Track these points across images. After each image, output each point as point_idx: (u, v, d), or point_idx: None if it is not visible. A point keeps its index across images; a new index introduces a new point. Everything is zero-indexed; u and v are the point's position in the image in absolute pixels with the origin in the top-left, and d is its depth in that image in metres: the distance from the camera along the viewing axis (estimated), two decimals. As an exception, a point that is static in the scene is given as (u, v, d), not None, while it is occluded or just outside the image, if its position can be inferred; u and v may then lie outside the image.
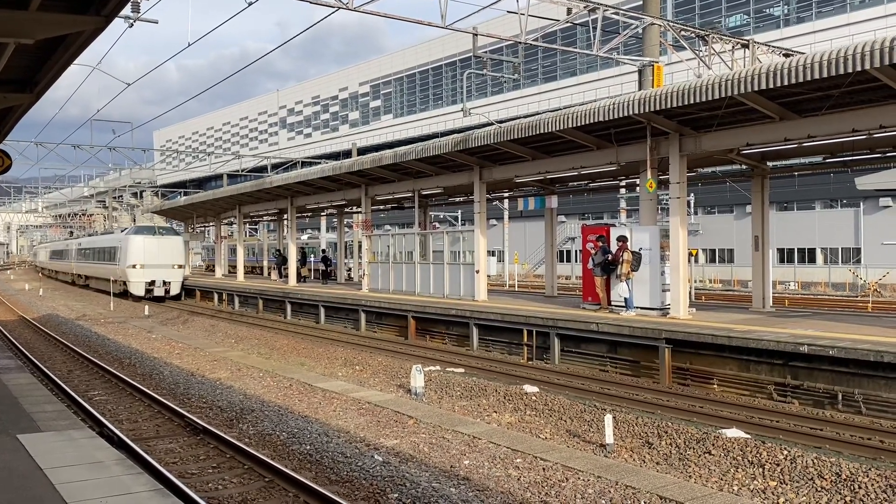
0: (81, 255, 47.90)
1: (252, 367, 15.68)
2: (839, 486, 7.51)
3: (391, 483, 7.70)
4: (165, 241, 36.37)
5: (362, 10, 15.26)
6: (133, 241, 35.72)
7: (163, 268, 35.67)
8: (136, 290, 35.21)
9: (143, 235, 36.32)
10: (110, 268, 38.15)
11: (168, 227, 39.61)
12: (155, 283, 35.44)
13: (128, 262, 35.36)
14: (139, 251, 35.39)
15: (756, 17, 46.37)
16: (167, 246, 36.12)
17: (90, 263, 44.52)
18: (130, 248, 35.46)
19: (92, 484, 6.25)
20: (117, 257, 36.95)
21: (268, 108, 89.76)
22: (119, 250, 36.66)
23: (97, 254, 42.55)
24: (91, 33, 7.81)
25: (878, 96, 12.93)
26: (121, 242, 36.88)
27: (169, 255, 36.04)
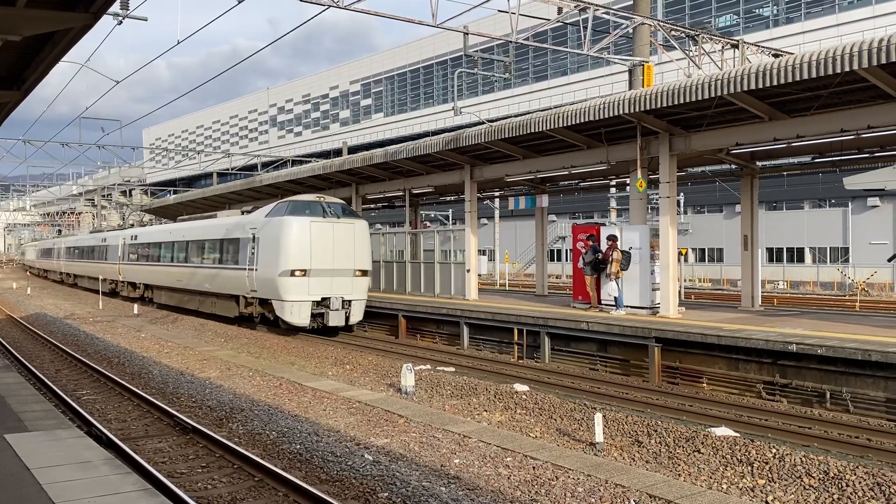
0: (137, 254, 32.40)
1: (242, 366, 15.62)
2: (827, 485, 7.56)
3: (381, 482, 7.69)
4: (345, 228, 20.43)
5: (353, 9, 15.22)
6: (291, 229, 19.57)
7: (342, 275, 20.16)
8: (293, 315, 19.59)
9: (306, 218, 19.73)
10: (230, 275, 22.24)
11: (339, 202, 21.56)
12: (329, 303, 19.80)
13: (280, 265, 19.43)
14: (302, 246, 19.53)
15: (746, 18, 46.58)
16: (348, 237, 20.37)
17: (165, 267, 28.56)
18: (285, 240, 19.59)
19: (80, 484, 6.21)
20: (248, 257, 20.99)
21: (258, 107, 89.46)
22: (257, 245, 20.67)
23: (192, 251, 25.90)
24: (79, 30, 7.77)
25: (866, 96, 13.02)
26: (260, 230, 20.70)
27: (350, 252, 20.32)
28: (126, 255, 34.08)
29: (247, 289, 21.24)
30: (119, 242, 35.47)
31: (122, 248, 34.89)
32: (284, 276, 19.46)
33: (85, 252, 43.69)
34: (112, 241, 37.20)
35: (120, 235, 36.18)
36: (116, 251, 35.77)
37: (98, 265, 39.52)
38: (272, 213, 20.75)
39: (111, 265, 36.72)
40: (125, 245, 34.46)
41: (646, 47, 19.51)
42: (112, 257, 36.53)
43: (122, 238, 35.41)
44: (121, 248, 35.05)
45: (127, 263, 34.03)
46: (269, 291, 20.14)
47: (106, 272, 37.68)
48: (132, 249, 33.29)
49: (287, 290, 19.47)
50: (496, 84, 58.33)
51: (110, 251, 37.06)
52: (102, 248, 39.04)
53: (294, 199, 21.02)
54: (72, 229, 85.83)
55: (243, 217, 23.17)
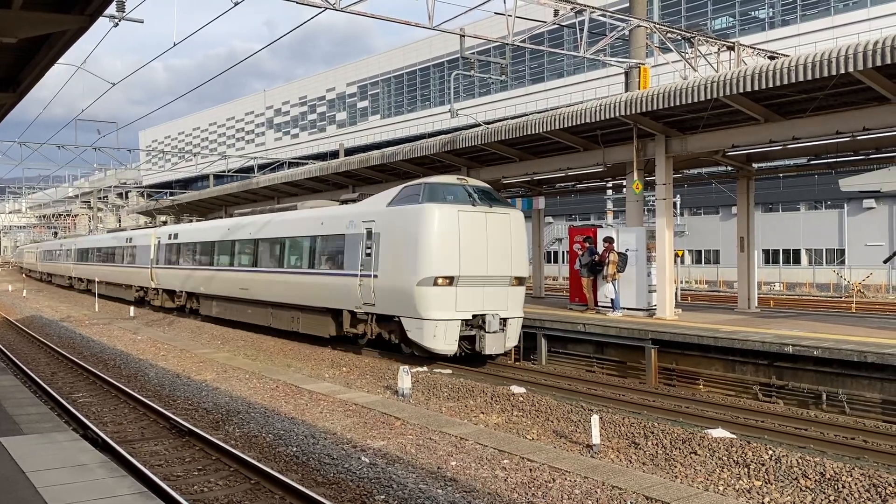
0: (177, 256, 27.24)
1: (238, 368, 15.59)
2: (823, 486, 7.57)
3: (378, 484, 7.68)
4: (499, 220, 15.35)
5: (349, 11, 15.23)
6: (433, 220, 14.62)
7: (496, 284, 15.17)
8: (436, 339, 14.59)
9: (452, 206, 14.89)
10: (328, 284, 17.32)
11: (485, 185, 16.45)
12: (484, 322, 14.89)
13: (419, 270, 14.51)
14: (449, 244, 14.62)
15: (741, 20, 46.70)
16: (503, 232, 15.34)
17: (220, 272, 23.43)
18: (426, 236, 14.58)
19: (75, 487, 6.19)
20: (360, 260, 16.09)
21: (255, 109, 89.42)
22: (375, 244, 15.71)
23: (262, 253, 20.88)
24: (75, 32, 7.76)
25: (861, 98, 13.06)
26: (380, 223, 15.76)
27: (506, 252, 15.33)
28: (162, 258, 28.45)
29: (356, 301, 16.05)
30: (151, 243, 29.66)
31: (155, 248, 29.23)
32: (424, 285, 14.20)
33: (104, 254, 37.48)
34: (141, 240, 31.19)
35: (151, 234, 30.15)
36: (147, 253, 29.97)
37: (123, 269, 33.59)
38: (399, 199, 15.53)
39: (140, 269, 30.92)
40: (160, 246, 28.82)
41: (642, 49, 19.55)
42: (141, 260, 30.72)
43: (154, 237, 29.63)
44: (153, 249, 29.35)
45: (163, 267, 28.39)
46: (397, 306, 14.90)
47: (133, 278, 31.96)
48: (170, 250, 27.72)
49: (427, 305, 14.24)
50: (493, 86, 58.39)
51: (139, 253, 31.14)
52: (127, 249, 32.96)
53: (429, 180, 15.47)
54: (68, 231, 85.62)
55: (346, 207, 17.70)
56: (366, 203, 17.21)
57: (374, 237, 15.74)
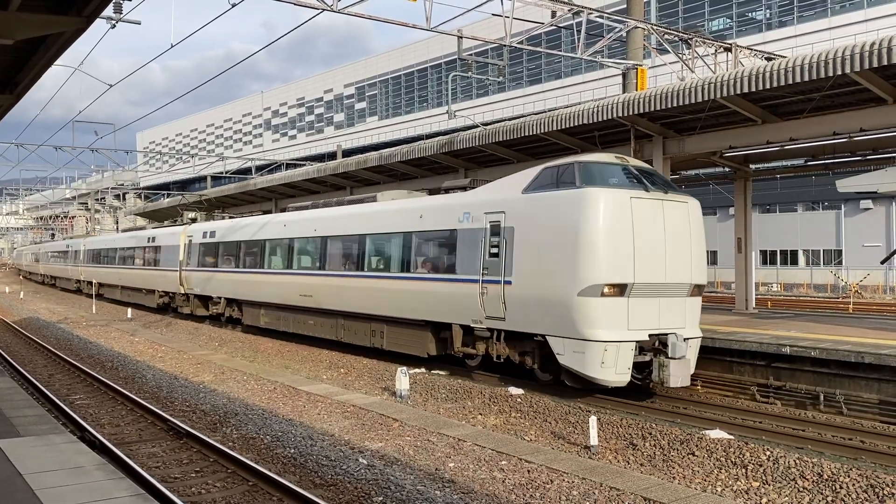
0: (215, 257, 24.14)
1: (236, 370, 15.58)
2: (821, 487, 7.57)
3: (376, 486, 7.67)
4: (677, 211, 12.26)
5: (347, 12, 15.22)
6: (598, 209, 11.40)
7: (673, 293, 12.09)
8: (605, 366, 11.30)
9: (622, 192, 11.68)
10: (435, 291, 14.43)
11: (648, 166, 13.48)
12: (668, 345, 11.63)
13: (580, 276, 11.36)
14: (620, 241, 11.46)
15: (738, 21, 46.77)
16: (682, 226, 12.28)
17: (273, 276, 20.42)
18: (589, 230, 11.37)
19: (72, 489, 6.18)
20: (482, 262, 13.23)
21: (252, 110, 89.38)
22: (508, 242, 12.73)
23: (333, 253, 17.90)
24: (72, 34, 7.76)
25: (857, 100, 13.08)
26: (515, 214, 12.75)
27: (685, 252, 12.24)
28: (195, 259, 25.29)
29: (474, 313, 13.02)
30: (180, 242, 26.41)
31: (185, 249, 26.08)
32: (589, 295, 11.13)
33: (120, 256, 33.94)
34: (167, 240, 27.88)
35: (181, 233, 26.75)
36: (175, 253, 26.67)
37: (143, 273, 30.13)
38: (540, 183, 12.42)
39: (165, 272, 27.60)
40: (192, 246, 25.61)
41: (639, 51, 19.56)
42: (167, 262, 27.44)
43: (184, 236, 26.31)
44: (183, 249, 26.17)
45: (196, 270, 25.16)
46: (542, 321, 11.83)
47: (157, 282, 28.66)
48: (206, 251, 24.53)
49: (593, 321, 11.14)
50: (490, 87, 58.41)
51: (165, 254, 27.77)
52: (149, 250, 29.52)
53: (583, 158, 12.27)
54: (65, 233, 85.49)
55: (456, 197, 14.48)
56: (486, 190, 14.01)
57: (504, 233, 12.65)
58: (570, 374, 11.87)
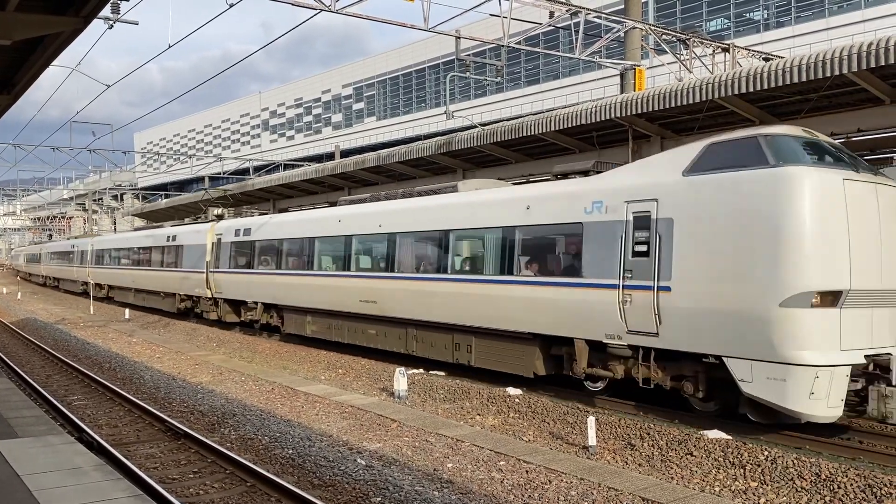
0: (250, 257, 21.57)
1: (234, 370, 15.57)
2: (819, 487, 7.58)
3: (374, 487, 7.67)
4: (891, 198, 9.68)
5: (345, 13, 15.23)
6: (804, 196, 8.91)
7: (890, 304, 9.52)
8: (814, 399, 8.83)
9: (833, 172, 9.26)
10: (554, 299, 11.89)
11: (835, 142, 10.69)
12: (889, 372, 9.17)
13: (787, 281, 8.88)
14: (833, 236, 8.96)
15: (736, 22, 46.83)
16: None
17: (327, 280, 17.93)
18: (794, 222, 8.91)
19: (70, 490, 6.17)
20: (622, 263, 10.79)
21: (250, 111, 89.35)
22: (663, 237, 10.24)
23: (403, 253, 15.66)
24: (70, 34, 7.75)
25: (855, 100, 13.11)
26: (673, 202, 10.22)
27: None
28: (225, 259, 22.69)
29: (611, 326, 10.88)
30: (206, 241, 23.92)
31: (213, 248, 23.53)
32: (795, 305, 8.92)
33: (136, 256, 31.15)
34: (190, 238, 25.47)
35: (207, 230, 24.25)
36: (201, 253, 24.23)
37: (162, 274, 27.51)
38: (709, 162, 10.12)
39: (189, 274, 25.01)
40: (221, 244, 23.00)
41: (637, 51, 19.59)
42: (191, 262, 24.91)
43: (212, 234, 23.87)
44: (211, 248, 23.65)
45: (227, 272, 22.52)
46: (722, 339, 9.58)
47: (178, 284, 26.15)
48: (239, 250, 21.93)
49: (798, 340, 8.94)
50: (488, 88, 58.41)
51: (188, 253, 25.30)
52: (169, 249, 26.88)
53: (767, 130, 10.02)
54: (62, 234, 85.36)
55: (579, 183, 12.05)
56: (622, 174, 11.49)
57: (657, 226, 10.33)
58: (757, 406, 9.43)
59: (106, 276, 36.37)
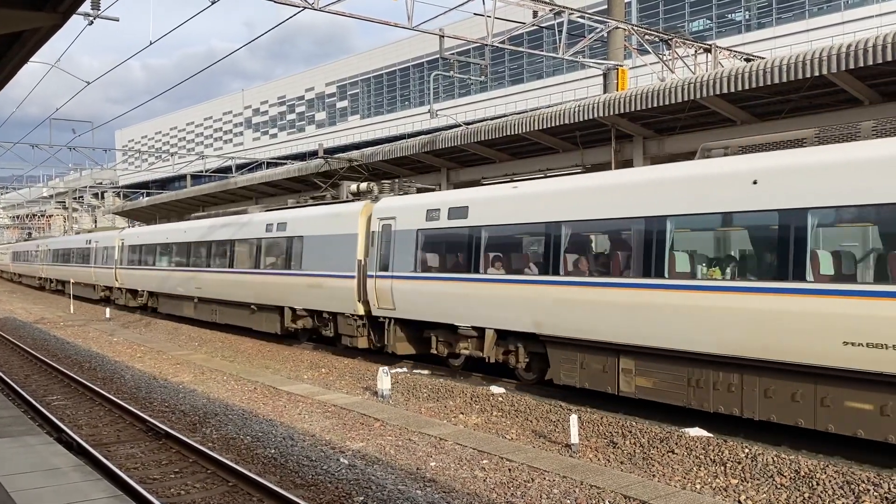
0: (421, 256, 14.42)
1: (216, 370, 15.47)
2: (798, 483, 7.65)
3: (357, 486, 7.65)
4: None
5: (328, 11, 15.17)
6: None
7: None
8: None
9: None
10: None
11: None
12: None
13: None
14: None
15: (718, 23, 47.17)
16: None
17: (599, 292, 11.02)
18: None
19: (49, 491, 6.11)
20: None
21: (233, 108, 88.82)
22: None
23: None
24: (48, 30, 7.65)
25: (834, 101, 13.24)
26: None
27: None
28: (408, 258, 14.60)
29: None
30: (358, 230, 16.06)
31: (378, 241, 15.45)
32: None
33: (202, 254, 23.20)
34: (317, 226, 17.49)
35: (357, 214, 16.19)
36: (343, 250, 16.33)
37: (267, 280, 19.30)
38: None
39: (325, 281, 16.84)
40: (393, 235, 15.07)
41: (620, 51, 19.68)
42: (325, 261, 16.99)
43: (366, 219, 16.01)
44: (370, 240, 15.67)
45: (416, 277, 14.42)
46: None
47: (305, 295, 17.63)
48: (435, 243, 14.35)
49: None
50: (472, 87, 58.46)
51: (315, 249, 17.34)
52: (271, 243, 19.39)
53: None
54: (42, 232, 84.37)
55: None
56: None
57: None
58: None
59: (146, 280, 28.11)
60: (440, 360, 14.80)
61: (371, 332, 15.86)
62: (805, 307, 8.70)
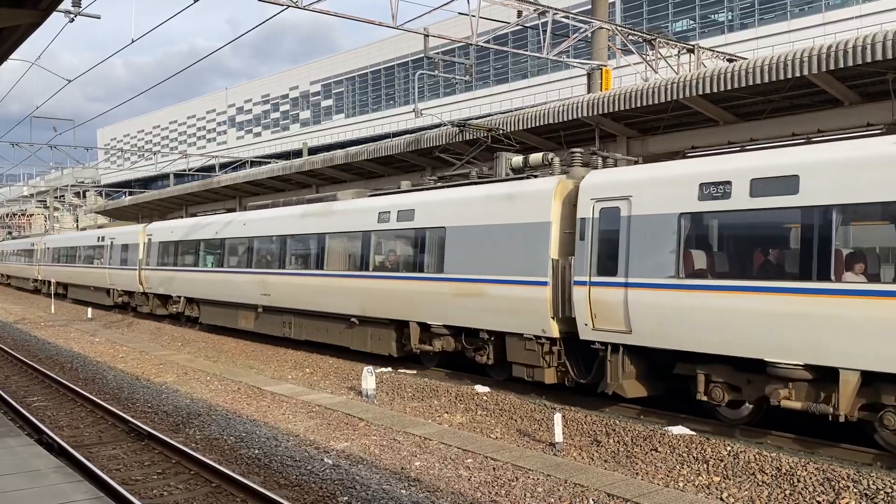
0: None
1: (199, 370, 15.38)
2: (779, 480, 7.73)
3: (341, 486, 7.64)
4: None
5: (312, 9, 15.11)
6: None
7: None
8: None
9: None
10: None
11: None
12: None
13: None
14: None
15: (701, 23, 47.49)
16: None
17: None
18: None
19: (28, 493, 6.05)
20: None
21: (216, 107, 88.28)
22: None
23: None
24: (28, 27, 7.58)
25: (815, 101, 13.38)
26: None
27: None
28: (666, 255, 9.87)
29: None
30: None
31: (590, 232, 10.78)
32: None
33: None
34: (492, 210, 12.59)
35: (552, 188, 11.57)
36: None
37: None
38: None
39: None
40: (635, 224, 10.32)
41: (604, 51, 19.75)
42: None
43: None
44: (556, 234, 11.40)
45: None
46: None
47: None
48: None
49: None
50: (457, 86, 58.48)
51: (472, 241, 12.81)
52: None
53: None
54: (22, 231, 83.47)
55: None
56: None
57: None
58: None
59: (183, 284, 23.12)
60: (679, 405, 10.79)
61: (568, 362, 11.54)
62: None
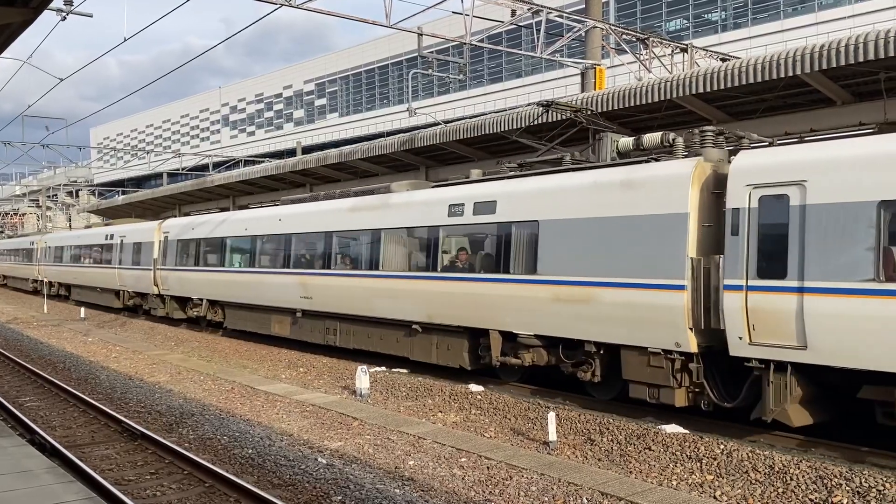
0: None
1: (192, 370, 15.34)
2: (772, 479, 7.75)
3: (335, 485, 7.63)
4: None
5: (306, 8, 15.07)
6: None
7: None
8: None
9: None
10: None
11: None
12: None
13: None
14: None
15: (695, 23, 47.59)
16: None
17: None
18: None
19: (20, 494, 6.02)
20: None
21: (210, 106, 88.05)
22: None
23: None
24: (19, 25, 7.54)
25: (808, 101, 13.42)
26: None
27: None
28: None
29: None
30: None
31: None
32: None
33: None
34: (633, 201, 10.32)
35: (687, 170, 9.73)
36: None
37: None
38: None
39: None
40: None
41: (598, 50, 19.77)
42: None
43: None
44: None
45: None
46: None
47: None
48: None
49: None
50: (451, 85, 58.46)
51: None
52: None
53: None
54: (15, 230, 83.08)
55: None
56: None
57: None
58: None
59: (206, 286, 20.99)
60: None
61: (707, 383, 9.61)
62: None
